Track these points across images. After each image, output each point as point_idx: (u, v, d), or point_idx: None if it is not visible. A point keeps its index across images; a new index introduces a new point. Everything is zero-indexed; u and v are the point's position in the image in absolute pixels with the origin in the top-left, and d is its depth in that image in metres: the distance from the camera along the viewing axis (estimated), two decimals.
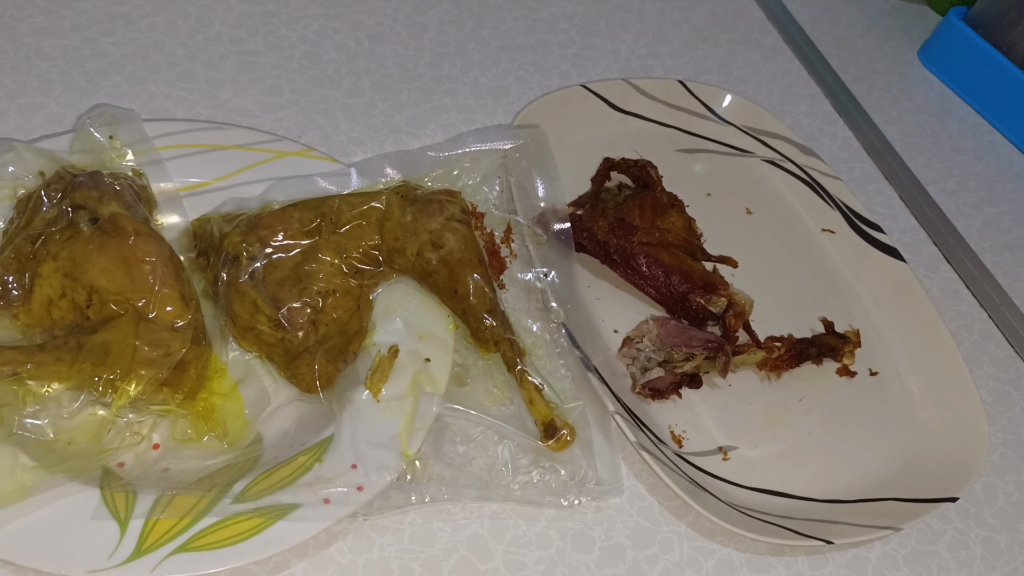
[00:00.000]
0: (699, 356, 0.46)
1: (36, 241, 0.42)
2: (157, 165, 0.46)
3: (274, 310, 0.42)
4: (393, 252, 0.44)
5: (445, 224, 0.44)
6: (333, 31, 0.61)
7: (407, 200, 0.45)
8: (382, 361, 0.42)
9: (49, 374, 0.38)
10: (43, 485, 0.36)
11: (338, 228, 0.44)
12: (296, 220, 0.44)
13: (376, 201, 0.44)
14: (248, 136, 0.49)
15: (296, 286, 0.42)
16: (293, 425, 0.41)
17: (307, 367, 0.41)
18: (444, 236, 0.44)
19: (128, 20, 0.58)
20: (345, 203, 0.44)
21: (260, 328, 0.42)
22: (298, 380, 0.41)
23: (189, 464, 0.39)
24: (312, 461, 0.38)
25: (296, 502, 0.36)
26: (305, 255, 0.43)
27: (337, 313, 0.42)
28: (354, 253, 0.44)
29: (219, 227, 0.44)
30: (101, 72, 0.55)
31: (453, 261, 0.43)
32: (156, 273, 0.41)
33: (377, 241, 0.44)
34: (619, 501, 0.43)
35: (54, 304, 0.41)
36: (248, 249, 0.43)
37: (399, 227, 0.44)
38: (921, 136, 0.67)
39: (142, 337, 0.40)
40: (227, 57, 0.58)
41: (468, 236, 0.44)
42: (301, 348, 0.41)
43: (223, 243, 0.43)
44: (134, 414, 0.40)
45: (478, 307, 0.43)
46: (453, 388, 0.43)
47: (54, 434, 0.38)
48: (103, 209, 0.43)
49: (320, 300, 0.42)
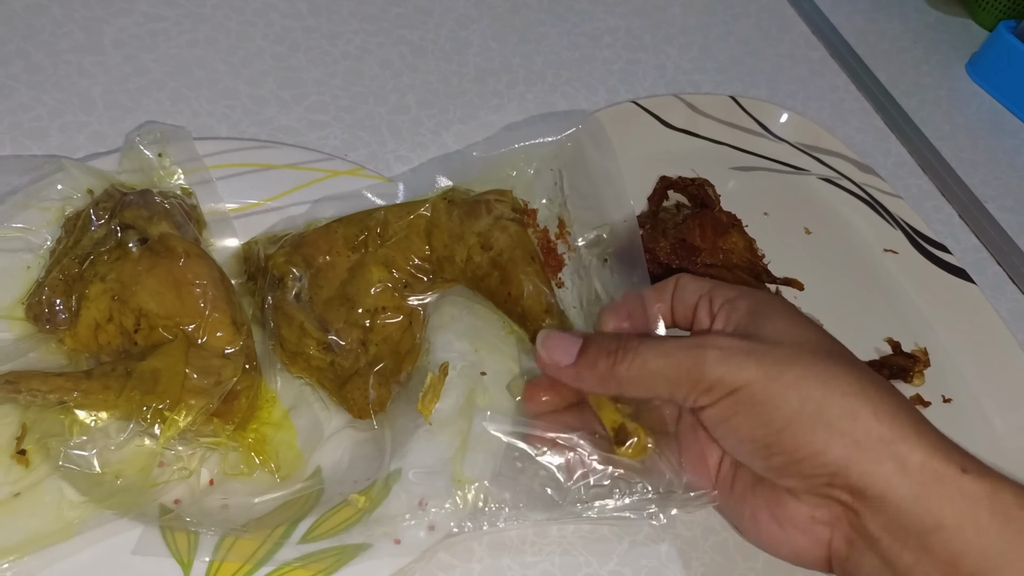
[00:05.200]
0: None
1: (84, 261, 0.40)
2: (207, 184, 0.44)
3: (322, 332, 0.39)
4: (443, 261, 0.41)
5: (494, 224, 0.41)
6: (376, 46, 0.60)
7: (453, 204, 0.42)
8: (433, 381, 0.39)
9: (96, 403, 0.37)
10: (91, 522, 0.34)
11: (385, 241, 0.41)
12: (341, 236, 0.41)
13: (422, 209, 0.42)
14: (298, 155, 0.47)
15: (344, 305, 0.40)
16: (349, 456, 0.39)
17: (358, 391, 0.39)
18: (493, 236, 0.40)
19: (168, 36, 0.57)
20: (391, 214, 0.42)
21: (309, 352, 0.40)
22: (349, 405, 0.39)
23: (246, 500, 0.37)
24: (379, 497, 0.36)
25: (365, 542, 0.34)
26: (352, 272, 0.41)
27: (388, 332, 0.40)
28: (403, 266, 0.41)
29: (264, 248, 0.42)
30: (143, 89, 0.53)
31: (504, 261, 0.40)
32: (207, 297, 0.40)
33: (426, 251, 0.41)
34: (692, 536, 0.41)
35: (101, 328, 0.39)
36: (293, 270, 0.41)
37: (447, 233, 0.41)
38: (976, 152, 0.65)
39: (192, 364, 0.38)
40: (269, 73, 0.56)
41: (519, 234, 0.41)
42: (351, 371, 0.39)
43: (268, 265, 0.41)
44: (183, 446, 0.38)
45: (535, 308, 0.39)
46: (512, 400, 0.40)
47: (101, 467, 0.36)
48: (153, 229, 0.41)
49: (369, 319, 0.40)
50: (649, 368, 0.33)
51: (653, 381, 0.33)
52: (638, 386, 0.33)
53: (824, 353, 0.31)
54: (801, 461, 0.30)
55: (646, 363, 0.33)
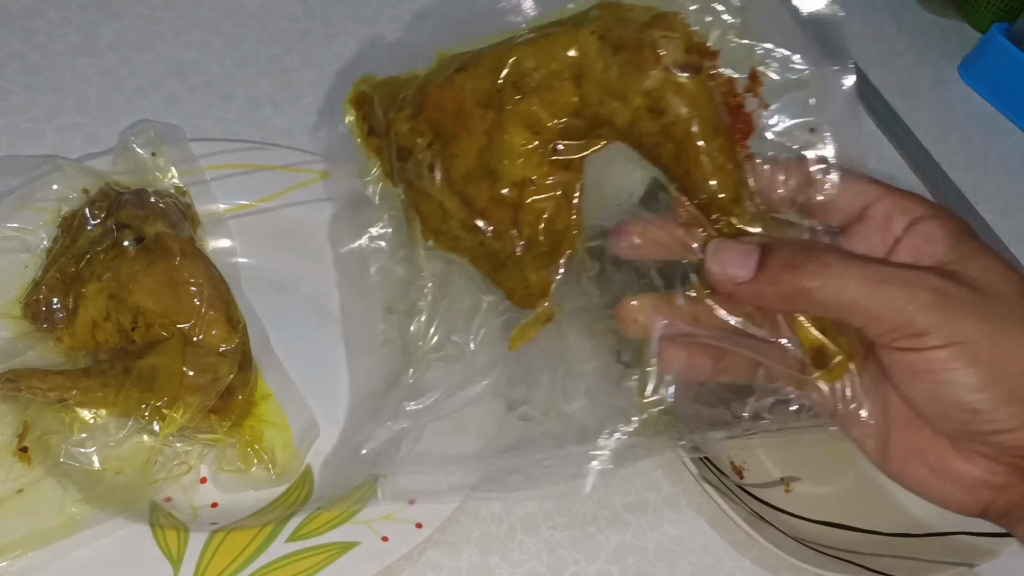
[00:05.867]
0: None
1: (81, 261, 0.41)
2: (201, 185, 0.45)
3: (466, 212, 0.33)
4: (598, 119, 0.32)
5: (665, 79, 0.31)
6: (370, 49, 0.60)
7: (607, 43, 0.31)
8: (537, 316, 0.34)
9: (96, 400, 0.37)
10: (92, 519, 0.34)
11: (523, 94, 0.32)
12: (469, 92, 0.33)
13: (569, 49, 0.32)
14: (291, 156, 0.48)
15: (486, 179, 0.33)
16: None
17: (516, 279, 0.34)
18: (665, 98, 0.31)
19: (164, 38, 0.57)
20: (527, 57, 0.32)
21: (455, 233, 0.34)
22: (509, 294, 0.34)
23: (238, 498, 0.37)
24: (368, 496, 0.36)
25: (353, 540, 0.35)
26: (490, 136, 0.33)
27: (539, 208, 0.33)
28: (548, 124, 0.32)
29: (382, 104, 0.35)
30: (138, 91, 0.54)
31: (680, 134, 0.31)
32: (202, 295, 0.40)
33: (576, 102, 0.32)
34: (680, 535, 0.41)
35: (99, 326, 0.40)
36: (419, 140, 0.34)
37: (602, 87, 0.32)
38: (968, 155, 0.66)
39: (189, 362, 0.38)
40: (264, 75, 0.57)
41: (698, 94, 0.31)
42: (505, 254, 0.34)
43: (390, 132, 0.34)
44: (181, 443, 0.38)
45: (719, 198, 0.31)
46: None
47: (101, 464, 0.36)
48: (148, 228, 0.41)
49: (517, 194, 0.33)
50: (847, 294, 0.28)
51: (849, 308, 0.28)
52: (828, 310, 0.29)
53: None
54: (1009, 432, 0.27)
55: (844, 287, 0.28)
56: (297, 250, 0.46)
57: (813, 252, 0.29)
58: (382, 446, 0.35)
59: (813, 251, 0.29)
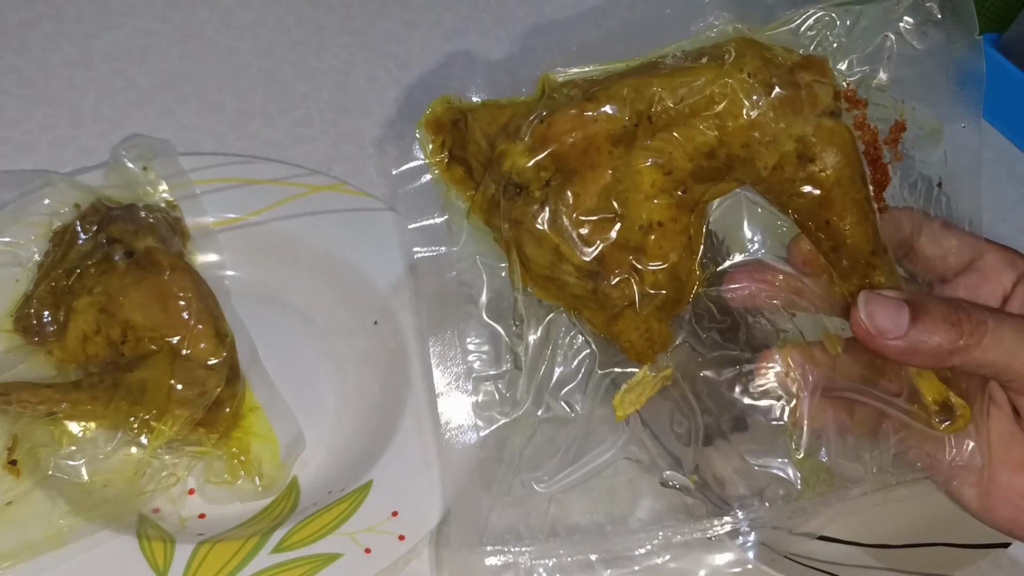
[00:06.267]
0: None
1: (72, 275, 0.41)
2: (191, 199, 0.46)
3: (584, 257, 0.31)
4: (736, 160, 0.30)
5: (819, 125, 0.29)
6: (362, 60, 0.61)
7: (761, 83, 0.29)
8: (646, 380, 0.32)
9: (85, 413, 0.38)
10: (80, 531, 0.35)
11: (658, 129, 0.30)
12: (604, 130, 0.30)
13: (715, 85, 0.29)
14: (281, 170, 0.48)
15: (610, 221, 0.30)
16: (328, 468, 0.41)
17: (635, 330, 0.32)
18: (819, 146, 0.30)
19: (158, 50, 0.58)
20: (668, 90, 0.30)
21: (565, 279, 0.31)
22: (625, 346, 0.32)
23: (226, 509, 0.38)
24: (352, 508, 0.37)
25: (337, 552, 0.35)
26: (616, 174, 0.30)
27: (665, 253, 0.31)
28: (682, 163, 0.30)
29: (485, 131, 0.32)
30: (132, 103, 0.54)
31: (829, 183, 0.30)
32: (191, 309, 0.41)
33: (714, 142, 0.30)
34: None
35: (89, 340, 0.41)
36: (540, 175, 0.31)
37: (750, 128, 0.30)
38: None
39: (177, 375, 0.39)
40: (256, 87, 0.57)
41: (849, 143, 0.30)
42: (622, 303, 0.31)
43: (503, 164, 0.31)
44: (169, 455, 0.39)
45: (861, 249, 0.30)
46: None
47: (90, 476, 0.37)
48: (139, 243, 0.42)
49: (642, 238, 0.31)
50: (1004, 351, 0.28)
51: (1006, 366, 0.28)
52: (981, 367, 0.29)
53: None
54: None
55: (1002, 345, 0.28)
56: (286, 263, 0.46)
57: (964, 311, 0.29)
58: (507, 527, 0.33)
59: (964, 310, 0.29)
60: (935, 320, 0.28)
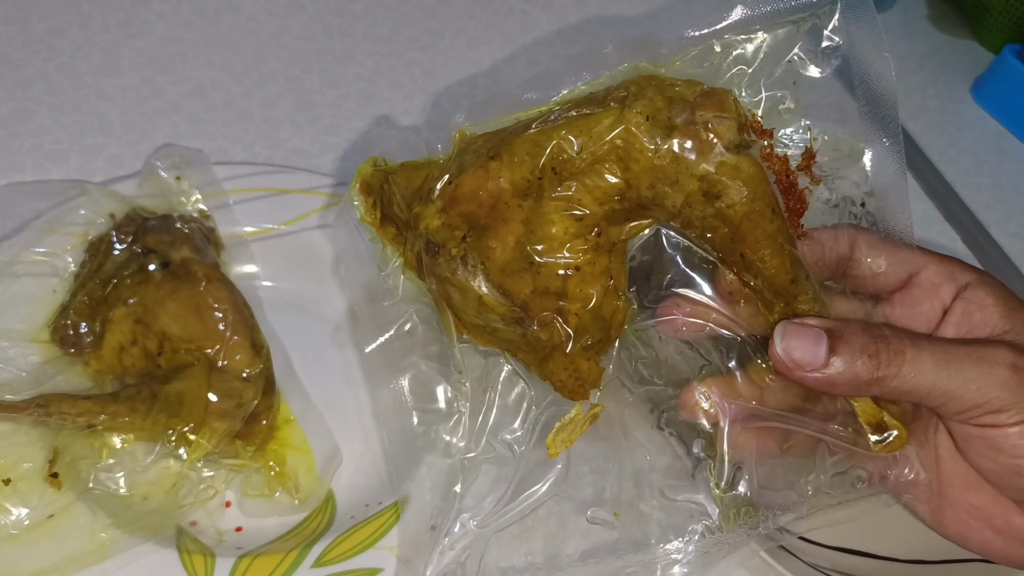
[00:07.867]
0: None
1: (107, 285, 0.41)
2: (224, 208, 0.45)
3: (507, 305, 0.32)
4: (646, 201, 0.31)
5: (720, 163, 0.29)
6: (388, 68, 0.61)
7: (657, 125, 0.30)
8: (576, 419, 0.33)
9: (124, 426, 0.38)
10: (121, 544, 0.35)
11: (563, 180, 0.31)
12: (507, 184, 0.31)
13: (614, 130, 0.30)
14: (311, 180, 0.48)
15: (527, 270, 0.31)
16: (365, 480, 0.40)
17: (564, 371, 0.32)
18: (721, 182, 0.29)
19: (185, 58, 0.58)
20: (568, 141, 0.30)
21: (494, 326, 0.33)
22: (558, 387, 0.33)
23: (262, 522, 0.38)
24: (391, 522, 0.37)
25: (377, 566, 0.35)
26: (528, 225, 0.31)
27: (586, 295, 0.32)
28: (593, 207, 0.31)
29: (402, 195, 0.33)
30: (160, 111, 0.54)
31: (738, 218, 0.30)
32: (227, 320, 0.41)
33: (621, 185, 0.30)
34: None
35: (125, 351, 0.40)
36: (455, 233, 0.32)
37: (652, 171, 0.30)
38: (980, 176, 0.66)
39: (214, 387, 0.39)
40: (283, 96, 0.57)
41: (755, 177, 0.30)
42: (551, 345, 0.32)
43: (419, 225, 0.32)
44: (207, 468, 0.39)
45: (778, 276, 0.30)
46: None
47: (129, 489, 0.37)
48: (174, 254, 0.42)
49: (561, 283, 0.31)
50: (923, 380, 0.28)
51: (926, 393, 0.28)
52: (902, 395, 0.29)
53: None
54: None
55: (919, 373, 0.28)
56: (318, 273, 0.46)
57: (883, 340, 0.28)
58: (446, 568, 0.34)
59: (883, 338, 0.28)
60: (853, 351, 0.28)
